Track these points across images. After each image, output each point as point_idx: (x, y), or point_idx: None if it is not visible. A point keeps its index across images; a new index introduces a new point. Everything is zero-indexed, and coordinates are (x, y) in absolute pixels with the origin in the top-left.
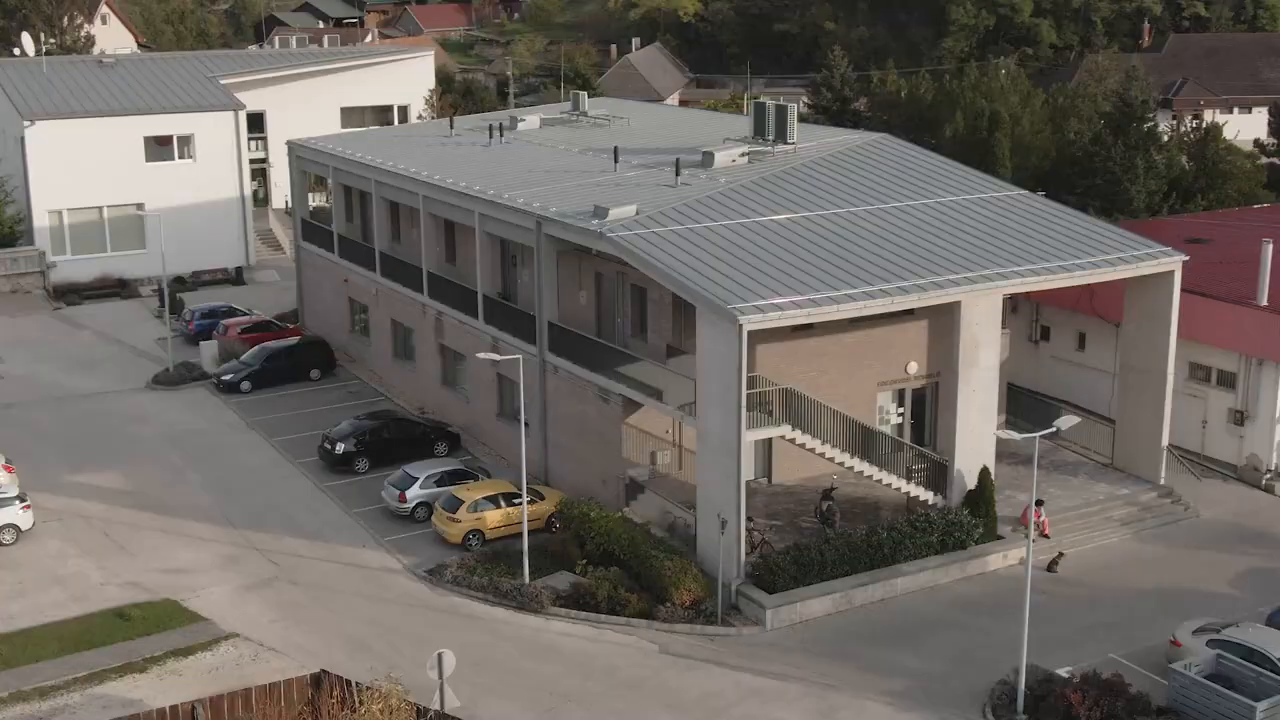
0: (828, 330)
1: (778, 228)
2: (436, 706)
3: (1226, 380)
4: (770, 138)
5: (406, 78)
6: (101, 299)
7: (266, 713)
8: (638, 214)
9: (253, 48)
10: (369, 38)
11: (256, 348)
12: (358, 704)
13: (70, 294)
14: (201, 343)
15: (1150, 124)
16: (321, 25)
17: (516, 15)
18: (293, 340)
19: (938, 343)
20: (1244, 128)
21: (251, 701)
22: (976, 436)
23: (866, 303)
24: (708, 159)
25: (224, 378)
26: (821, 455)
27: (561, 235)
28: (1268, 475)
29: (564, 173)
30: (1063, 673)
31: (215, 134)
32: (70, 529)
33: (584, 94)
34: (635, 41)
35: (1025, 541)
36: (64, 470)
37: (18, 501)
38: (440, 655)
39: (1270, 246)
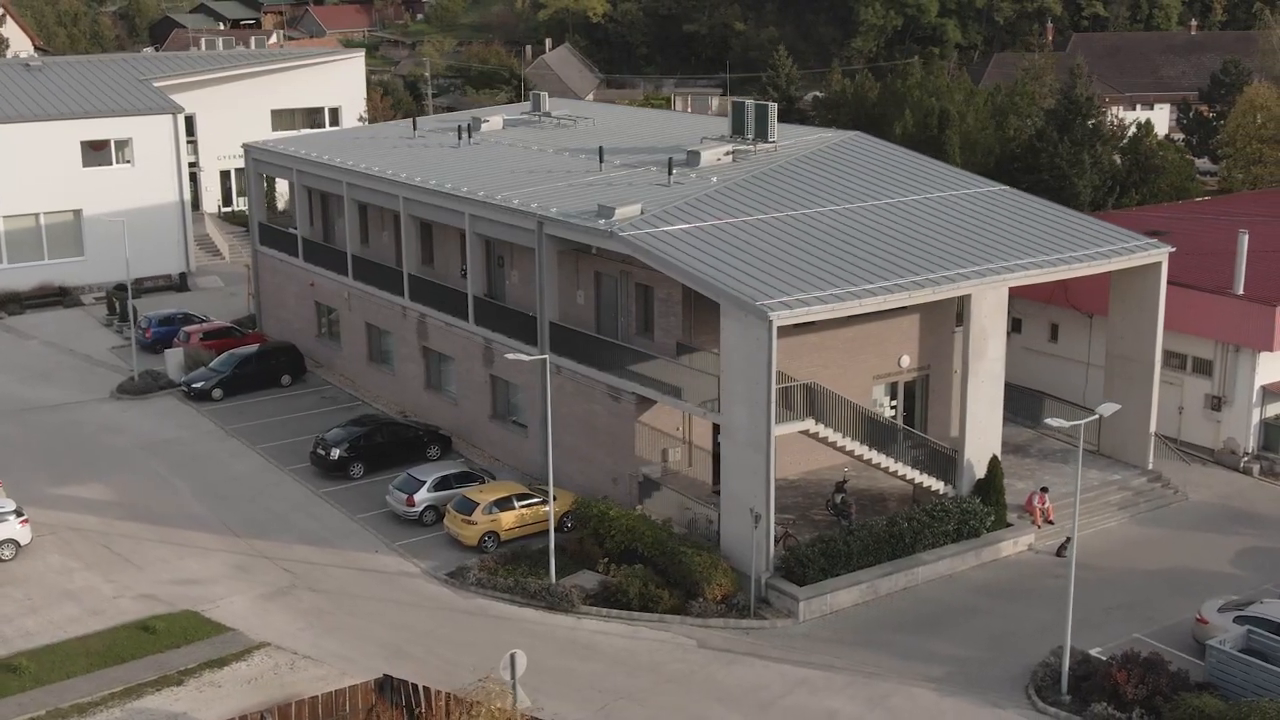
0: (826, 325)
1: (783, 224)
2: (509, 705)
3: (1201, 367)
4: (750, 136)
5: (337, 79)
6: (43, 308)
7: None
8: (643, 213)
9: (148, 50)
10: (272, 39)
11: (225, 354)
12: (471, 706)
13: (10, 303)
14: (166, 350)
15: (1095, 120)
16: (222, 26)
17: (420, 16)
18: (263, 345)
19: (928, 336)
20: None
21: (319, 709)
22: (985, 426)
23: (885, 297)
24: (693, 158)
25: (194, 385)
26: (841, 449)
27: (566, 235)
28: (1245, 458)
29: (548, 173)
30: (1094, 652)
31: (154, 138)
32: (68, 542)
33: (545, 94)
34: (548, 42)
35: (1032, 528)
36: (45, 483)
37: (14, 516)
38: (513, 656)
39: (1246, 237)
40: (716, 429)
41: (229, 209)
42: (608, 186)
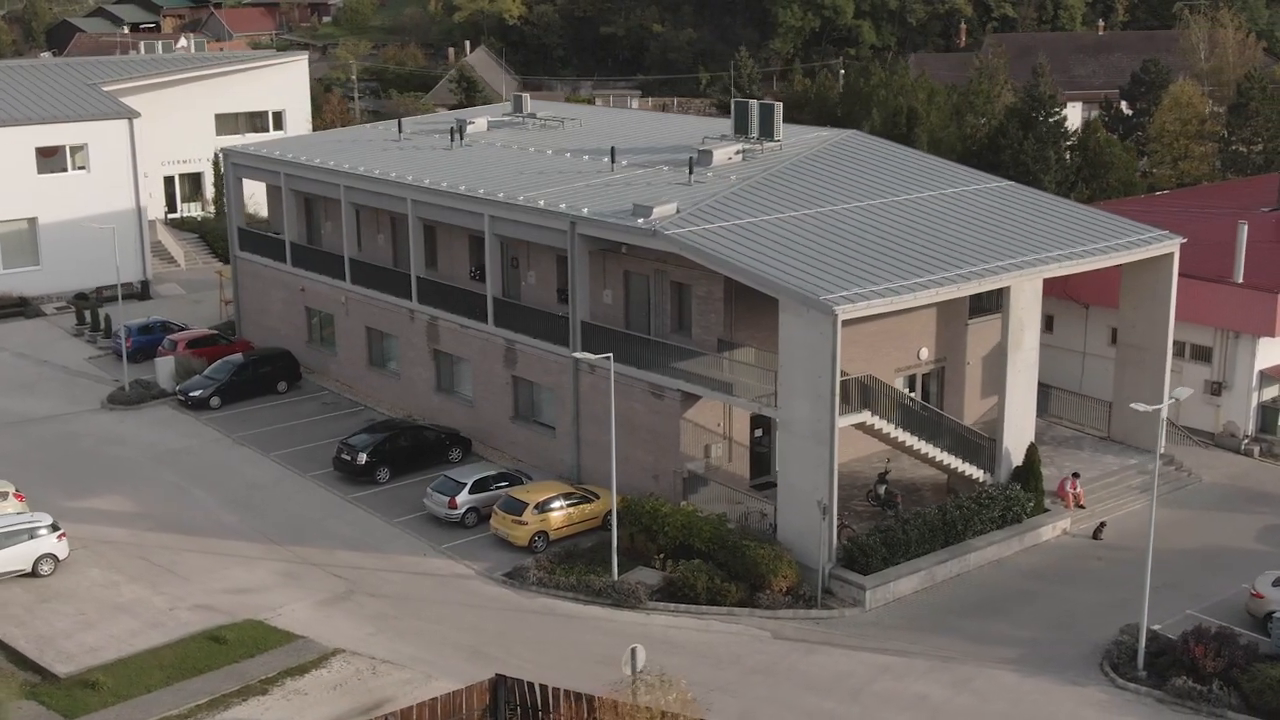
0: (850, 320)
1: (814, 221)
2: (629, 700)
3: (1199, 354)
4: (754, 135)
5: (281, 82)
6: (4, 319)
7: None
8: (678, 211)
9: (46, 55)
10: (181, 42)
11: (220, 361)
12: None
13: None
14: (157, 359)
15: (1058, 117)
16: (126, 30)
17: (327, 18)
18: (259, 352)
19: (944, 330)
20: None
21: (438, 711)
22: (1022, 414)
23: (937, 290)
24: (705, 157)
25: (192, 393)
26: (894, 440)
27: (603, 235)
28: (1245, 440)
29: (559, 174)
30: (1156, 629)
31: (109, 143)
32: (104, 555)
33: (526, 96)
34: (468, 45)
35: (1068, 512)
36: (61, 496)
37: (50, 530)
38: (634, 650)
39: (1245, 227)
40: (754, 424)
41: (174, 215)
42: (626, 186)
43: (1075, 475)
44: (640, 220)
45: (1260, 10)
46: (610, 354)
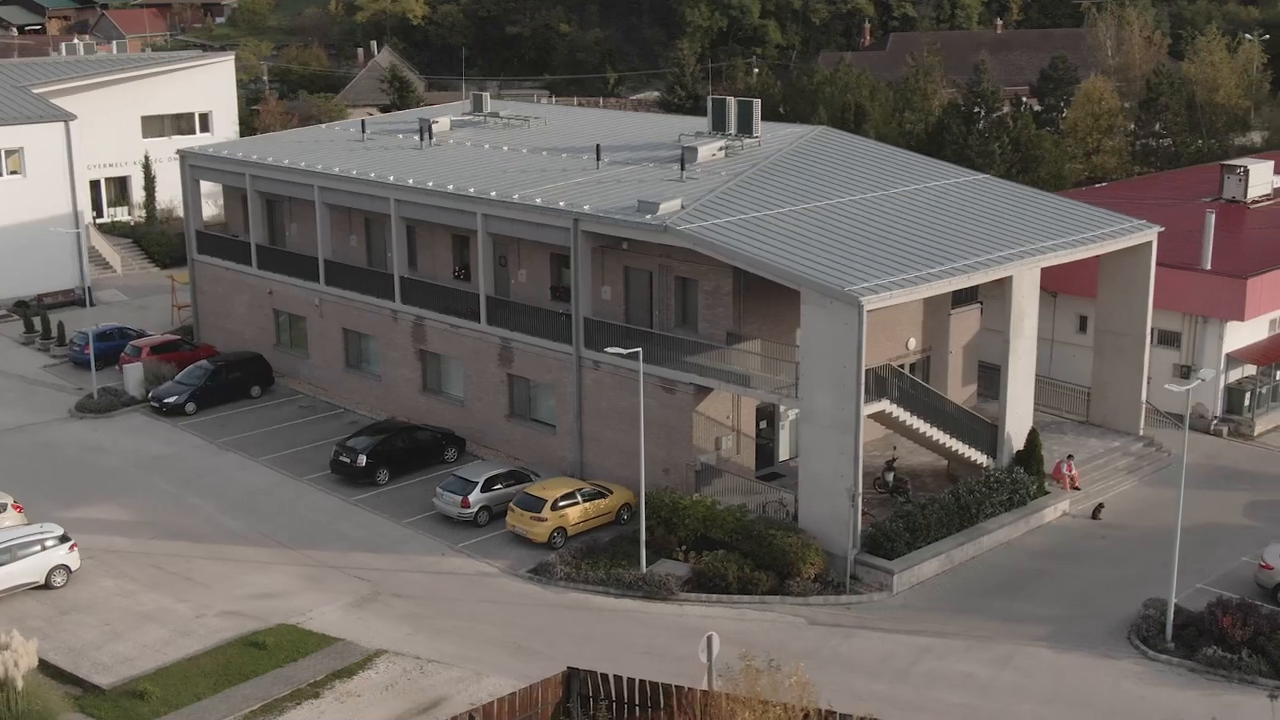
0: (873, 310)
1: (815, 215)
2: (704, 687)
3: (1167, 339)
4: (733, 132)
5: (207, 84)
6: None
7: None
8: (682, 207)
9: None
10: (75, 41)
11: (191, 366)
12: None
13: None
14: (125, 365)
15: (1000, 112)
16: (16, 33)
17: (220, 19)
18: (232, 356)
19: (930, 320)
20: None
21: (515, 705)
22: (1022, 400)
23: (950, 280)
24: (690, 154)
25: (166, 400)
26: (909, 428)
27: (608, 232)
28: (1214, 421)
29: (541, 172)
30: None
31: (45, 147)
32: (113, 565)
33: (486, 95)
34: (374, 45)
35: (1066, 494)
36: (54, 506)
37: (61, 541)
38: (710, 638)
39: (1213, 216)
40: (759, 416)
41: (102, 220)
42: (617, 184)
43: (1070, 458)
44: (648, 216)
45: (1146, 8)
46: (639, 349)
